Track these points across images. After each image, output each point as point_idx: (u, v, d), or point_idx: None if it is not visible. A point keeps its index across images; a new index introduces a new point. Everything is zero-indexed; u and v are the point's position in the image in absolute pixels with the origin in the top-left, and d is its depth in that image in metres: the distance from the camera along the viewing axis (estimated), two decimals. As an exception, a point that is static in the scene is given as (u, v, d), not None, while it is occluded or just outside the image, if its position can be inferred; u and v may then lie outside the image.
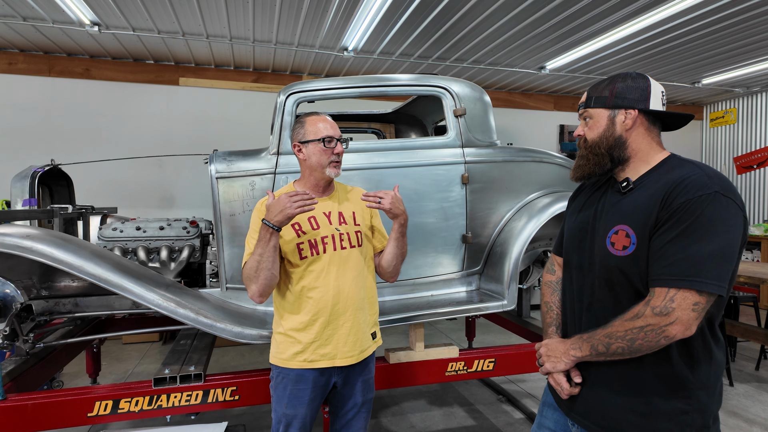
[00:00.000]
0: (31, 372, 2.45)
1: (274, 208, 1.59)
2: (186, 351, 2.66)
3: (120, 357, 4.83)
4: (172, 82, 5.93)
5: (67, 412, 2.14)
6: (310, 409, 1.77)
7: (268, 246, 1.62)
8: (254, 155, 2.60)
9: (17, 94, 5.46)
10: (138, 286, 2.18)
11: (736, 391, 3.87)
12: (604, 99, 1.32)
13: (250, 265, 1.66)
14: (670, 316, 1.13)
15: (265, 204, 1.63)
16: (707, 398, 1.22)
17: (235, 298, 2.58)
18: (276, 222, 1.59)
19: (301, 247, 1.74)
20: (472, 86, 2.84)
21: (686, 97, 7.62)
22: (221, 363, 4.65)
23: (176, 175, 5.93)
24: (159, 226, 2.94)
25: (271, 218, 1.60)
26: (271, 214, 1.60)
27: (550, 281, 1.57)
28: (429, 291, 2.80)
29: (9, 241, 2.05)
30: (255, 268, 1.64)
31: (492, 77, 6.54)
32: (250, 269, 1.66)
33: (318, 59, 5.76)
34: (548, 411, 1.50)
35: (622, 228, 1.26)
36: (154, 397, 2.23)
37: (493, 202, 2.84)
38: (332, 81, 2.64)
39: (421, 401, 3.71)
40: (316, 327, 1.74)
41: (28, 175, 2.85)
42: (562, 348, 1.33)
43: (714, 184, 1.15)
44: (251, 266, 1.65)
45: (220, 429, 2.53)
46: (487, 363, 2.66)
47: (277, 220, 1.59)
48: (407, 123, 4.08)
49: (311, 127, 1.78)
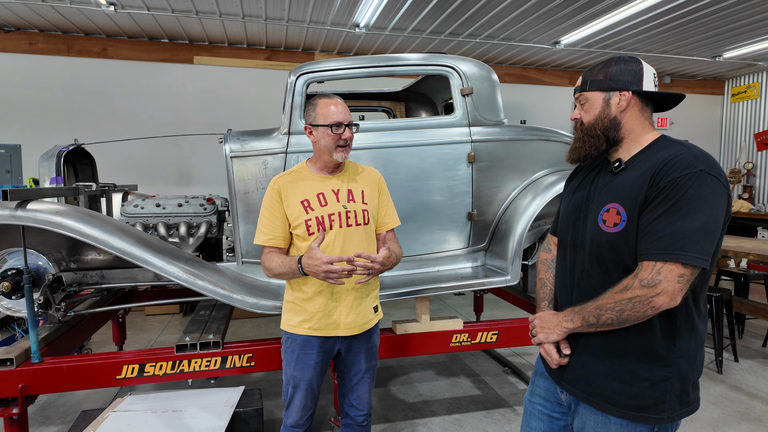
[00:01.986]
0: (63, 338, 2.64)
1: (311, 260, 1.70)
2: (205, 321, 2.82)
3: (143, 327, 5.08)
4: (186, 60, 6.01)
5: (97, 375, 2.33)
6: (316, 372, 1.91)
7: (291, 273, 1.80)
8: (266, 135, 2.69)
9: (38, 74, 5.61)
10: (159, 259, 2.32)
11: (741, 367, 3.93)
12: (599, 82, 1.36)
13: (274, 266, 1.82)
14: (656, 288, 1.19)
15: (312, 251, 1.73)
16: (687, 366, 1.29)
17: (250, 271, 2.72)
18: (306, 271, 1.74)
19: (309, 223, 1.83)
20: (480, 65, 2.86)
21: (706, 71, 7.42)
22: (239, 334, 4.86)
23: (192, 154, 6.07)
24: (177, 203, 3.08)
25: (305, 266, 1.73)
26: (307, 262, 1.72)
27: (546, 259, 1.64)
28: (435, 267, 2.90)
29: (40, 216, 2.20)
30: (275, 271, 1.82)
31: (506, 52, 6.46)
32: (272, 267, 1.83)
33: (330, 36, 5.76)
34: (540, 380, 1.59)
35: (613, 206, 1.31)
36: (177, 362, 2.40)
37: (499, 180, 2.89)
38: (342, 61, 2.69)
39: (429, 371, 3.86)
40: (321, 299, 1.86)
41: (54, 155, 3.00)
42: (555, 320, 1.41)
43: (700, 164, 1.20)
44: (274, 268, 1.82)
45: (237, 393, 2.71)
46: (491, 335, 2.77)
47: (308, 270, 1.73)
48: (417, 101, 4.11)
49: (321, 111, 1.83)
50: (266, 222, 1.85)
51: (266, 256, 1.85)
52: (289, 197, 1.84)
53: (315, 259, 1.69)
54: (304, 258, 1.73)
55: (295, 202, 1.83)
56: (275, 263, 1.81)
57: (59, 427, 3.00)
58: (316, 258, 1.68)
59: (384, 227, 2.02)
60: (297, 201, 1.84)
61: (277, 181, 1.88)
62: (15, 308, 2.45)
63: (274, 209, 1.85)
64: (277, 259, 1.82)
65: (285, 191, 1.85)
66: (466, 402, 3.33)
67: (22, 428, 2.26)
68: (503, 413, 3.16)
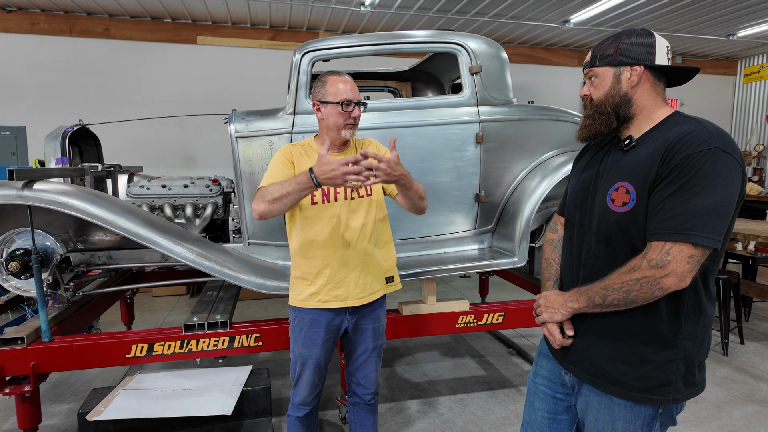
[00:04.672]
0: (73, 317, 2.67)
1: (327, 166, 1.54)
2: (212, 301, 2.84)
3: (151, 308, 5.14)
4: (189, 40, 5.94)
5: (107, 354, 2.36)
6: (323, 350, 1.92)
7: (300, 194, 1.63)
8: (272, 115, 2.66)
9: (41, 54, 5.57)
10: (167, 240, 2.33)
11: (747, 349, 3.93)
12: (609, 57, 1.31)
13: (272, 191, 1.66)
14: (665, 269, 1.16)
15: (322, 157, 1.57)
16: (694, 348, 1.27)
17: (257, 252, 2.72)
18: (322, 180, 1.57)
19: (314, 193, 1.81)
20: (489, 42, 2.80)
21: (719, 51, 7.25)
22: (245, 315, 4.91)
23: (196, 135, 6.05)
24: (183, 184, 3.07)
25: (319, 174, 1.56)
26: (322, 169, 1.55)
27: (552, 239, 1.62)
28: (442, 248, 2.89)
29: (47, 197, 2.20)
30: (274, 197, 1.65)
31: (514, 32, 6.34)
32: (270, 194, 1.66)
33: (334, 15, 5.66)
34: (543, 360, 1.58)
35: (622, 185, 1.28)
36: (185, 341, 2.42)
37: (507, 161, 2.86)
38: (348, 39, 2.64)
39: (434, 352, 3.89)
40: (328, 271, 1.86)
41: (59, 135, 2.99)
42: (561, 300, 1.39)
43: (714, 140, 1.16)
44: (272, 192, 1.66)
45: (245, 372, 2.74)
46: (497, 317, 2.77)
47: (324, 178, 1.56)
48: (424, 81, 4.04)
49: (331, 88, 1.81)
50: (275, 171, 1.80)
51: (261, 190, 1.71)
52: (300, 163, 1.85)
53: (330, 164, 1.53)
54: (316, 167, 1.57)
55: (302, 169, 1.82)
56: (275, 187, 1.66)
57: (71, 404, 3.05)
58: (332, 162, 1.53)
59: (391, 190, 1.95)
60: (305, 168, 1.82)
61: (288, 146, 1.90)
62: (24, 288, 2.48)
63: (282, 166, 1.83)
64: (278, 184, 1.67)
65: (296, 156, 1.87)
66: (471, 382, 3.36)
67: (34, 405, 2.30)
68: (508, 393, 3.19)
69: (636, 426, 1.30)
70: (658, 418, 1.30)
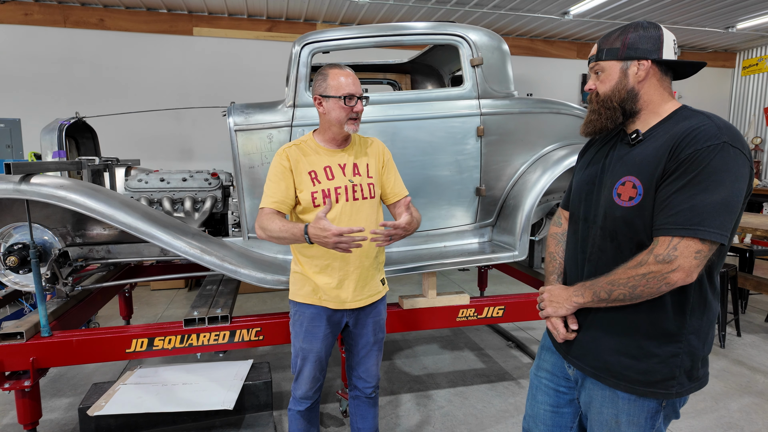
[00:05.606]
0: (71, 312, 2.65)
1: (321, 232, 1.61)
2: (212, 295, 2.83)
3: (149, 302, 5.12)
4: (185, 32, 5.87)
5: (107, 348, 2.35)
6: (324, 345, 1.92)
7: (292, 239, 1.71)
8: (271, 108, 2.64)
9: (35, 45, 5.49)
10: (166, 234, 2.31)
11: (743, 341, 3.96)
12: (616, 51, 1.29)
13: (271, 228, 1.73)
14: (672, 264, 1.16)
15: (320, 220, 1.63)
16: (698, 343, 1.28)
17: (256, 246, 2.71)
18: (314, 241, 1.65)
19: (315, 195, 1.81)
20: (491, 34, 2.77)
21: (718, 43, 7.24)
22: (244, 308, 4.90)
23: (193, 128, 6.00)
24: (182, 178, 3.04)
25: (312, 236, 1.64)
26: (316, 233, 1.62)
27: (556, 233, 1.61)
28: (442, 242, 2.88)
29: (45, 191, 2.17)
30: (272, 234, 1.73)
31: (512, 23, 6.30)
32: (269, 229, 1.74)
33: (332, 6, 5.60)
34: (546, 354, 1.58)
35: (629, 179, 1.27)
36: (185, 336, 2.41)
37: (508, 154, 2.85)
38: (348, 30, 2.61)
39: (434, 345, 3.90)
40: (328, 272, 1.86)
41: (55, 128, 2.95)
42: (565, 294, 1.39)
43: (723, 135, 1.15)
44: (271, 229, 1.73)
45: (246, 366, 2.74)
46: (497, 310, 2.78)
47: (316, 240, 1.64)
48: (423, 73, 4.02)
49: (333, 82, 1.78)
50: (273, 187, 1.82)
51: (265, 217, 1.77)
52: (298, 167, 1.83)
53: (324, 230, 1.60)
54: (310, 228, 1.65)
55: (302, 172, 1.81)
56: (276, 226, 1.73)
57: (71, 399, 3.05)
58: (326, 229, 1.60)
59: (396, 197, 2.00)
60: (305, 171, 1.81)
61: (285, 150, 1.85)
62: (23, 283, 2.46)
63: (282, 175, 1.82)
64: (279, 223, 1.74)
65: (294, 160, 1.83)
66: (471, 375, 3.37)
67: (34, 400, 2.29)
68: (507, 386, 3.20)
69: (639, 419, 1.31)
70: (662, 411, 1.31)
